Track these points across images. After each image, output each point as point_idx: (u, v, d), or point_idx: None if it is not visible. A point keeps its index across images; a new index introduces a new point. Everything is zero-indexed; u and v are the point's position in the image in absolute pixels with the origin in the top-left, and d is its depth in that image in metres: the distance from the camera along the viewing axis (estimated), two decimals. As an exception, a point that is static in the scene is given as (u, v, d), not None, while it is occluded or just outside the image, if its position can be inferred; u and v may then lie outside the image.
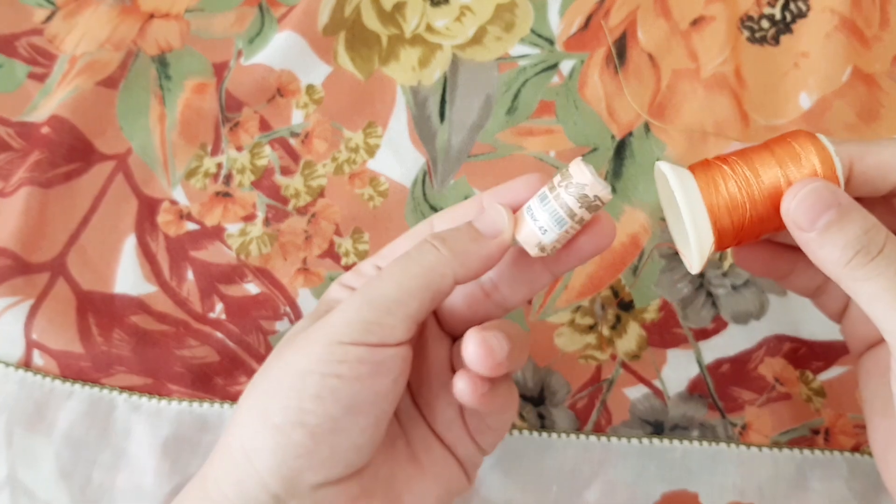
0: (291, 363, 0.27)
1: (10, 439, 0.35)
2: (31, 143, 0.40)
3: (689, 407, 0.36)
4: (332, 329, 0.27)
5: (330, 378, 0.26)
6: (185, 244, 0.39)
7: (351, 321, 0.27)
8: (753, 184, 0.27)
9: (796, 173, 0.26)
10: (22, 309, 0.37)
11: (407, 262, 0.27)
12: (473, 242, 0.27)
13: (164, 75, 0.42)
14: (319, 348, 0.26)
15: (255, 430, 0.27)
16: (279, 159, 0.40)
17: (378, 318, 0.27)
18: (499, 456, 0.35)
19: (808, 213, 0.25)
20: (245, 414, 0.27)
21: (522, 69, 0.41)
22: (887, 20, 0.41)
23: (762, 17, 0.42)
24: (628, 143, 0.39)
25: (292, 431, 0.26)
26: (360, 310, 0.27)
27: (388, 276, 0.27)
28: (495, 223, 0.28)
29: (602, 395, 0.36)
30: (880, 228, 0.25)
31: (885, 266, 0.24)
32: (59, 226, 0.39)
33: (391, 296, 0.27)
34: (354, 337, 0.26)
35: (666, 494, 0.34)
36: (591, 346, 0.37)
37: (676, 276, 0.37)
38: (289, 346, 0.28)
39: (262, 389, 0.28)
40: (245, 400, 0.28)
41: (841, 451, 0.35)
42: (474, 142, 0.40)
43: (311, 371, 0.26)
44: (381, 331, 0.27)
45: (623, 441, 0.35)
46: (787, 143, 0.27)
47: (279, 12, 0.43)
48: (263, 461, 0.26)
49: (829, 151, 0.27)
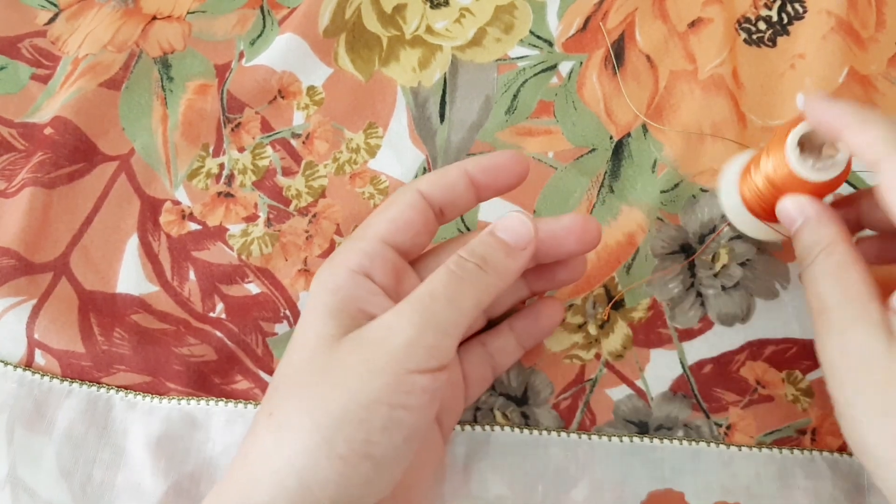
0: (356, 393, 0.26)
1: (11, 438, 0.35)
2: (35, 143, 0.40)
3: (672, 407, 0.36)
4: (396, 356, 0.26)
5: (397, 410, 0.26)
6: (187, 244, 0.39)
7: (415, 347, 0.26)
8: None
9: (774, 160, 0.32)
10: (24, 309, 0.37)
11: (459, 283, 0.27)
12: (509, 258, 0.28)
13: (167, 76, 0.42)
14: (387, 379, 0.26)
15: (318, 461, 0.26)
16: (280, 160, 0.40)
17: (438, 341, 0.27)
18: (486, 451, 0.35)
19: (786, 219, 0.30)
20: (297, 440, 0.26)
21: (522, 70, 0.41)
22: (883, 21, 0.41)
23: (759, 19, 0.42)
24: (626, 143, 0.40)
25: (359, 463, 0.26)
26: (423, 335, 0.27)
27: (443, 297, 0.27)
28: (522, 235, 0.29)
29: (585, 395, 0.36)
30: (819, 243, 0.29)
31: (809, 277, 0.29)
32: (62, 226, 0.39)
33: (449, 318, 0.27)
34: (420, 364, 0.26)
35: (652, 493, 0.34)
36: (578, 346, 0.37)
37: (668, 276, 0.37)
38: (336, 365, 0.27)
39: (317, 417, 0.26)
40: (289, 421, 0.27)
41: (827, 452, 0.35)
42: (474, 141, 0.40)
43: (380, 402, 0.26)
44: (440, 354, 0.27)
45: (606, 440, 0.35)
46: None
47: (280, 14, 0.44)
48: (327, 492, 0.26)
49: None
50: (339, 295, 0.29)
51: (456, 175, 0.31)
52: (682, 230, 0.38)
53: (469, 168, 0.31)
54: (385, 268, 0.29)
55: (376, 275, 0.29)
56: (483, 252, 0.28)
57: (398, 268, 0.30)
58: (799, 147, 0.31)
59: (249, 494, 0.26)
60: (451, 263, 0.28)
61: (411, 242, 0.30)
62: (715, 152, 0.39)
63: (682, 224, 0.38)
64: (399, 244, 0.30)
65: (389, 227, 0.30)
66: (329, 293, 0.29)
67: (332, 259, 0.30)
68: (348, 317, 0.28)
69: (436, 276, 0.28)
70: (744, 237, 0.37)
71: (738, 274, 0.37)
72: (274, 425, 0.27)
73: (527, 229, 0.29)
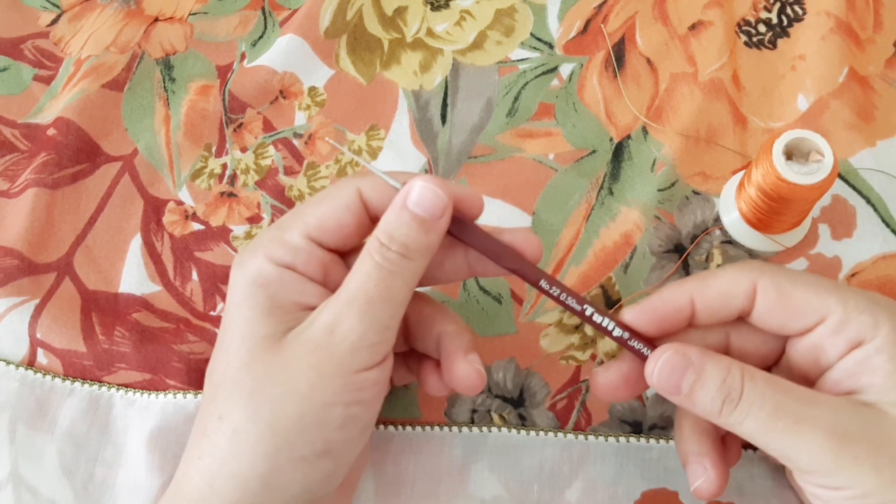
0: (310, 397, 0.27)
1: (13, 436, 0.35)
2: (38, 144, 0.40)
3: (666, 407, 0.36)
4: (344, 360, 0.27)
5: (352, 407, 0.27)
6: (190, 244, 0.39)
7: (359, 348, 0.27)
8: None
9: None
10: (27, 308, 0.37)
11: (390, 277, 0.28)
12: (430, 234, 0.28)
13: (169, 77, 0.42)
14: (339, 381, 0.27)
15: (279, 464, 0.27)
16: (283, 160, 0.41)
17: (381, 337, 0.28)
18: (483, 452, 0.35)
19: (670, 382, 0.28)
20: (255, 446, 0.27)
21: (523, 72, 0.41)
22: (881, 23, 0.42)
23: (759, 22, 0.42)
24: (626, 145, 0.40)
25: (318, 461, 0.27)
26: (366, 336, 0.27)
27: (379, 297, 0.27)
28: (436, 205, 0.28)
29: (581, 395, 0.36)
30: (735, 372, 0.27)
31: (750, 406, 0.27)
32: (65, 226, 0.39)
33: (387, 313, 0.28)
34: (367, 362, 0.27)
35: (646, 493, 0.34)
36: (574, 347, 0.37)
37: (666, 274, 0.37)
38: (283, 369, 0.27)
39: (273, 423, 0.27)
40: (243, 427, 0.27)
41: None
42: (475, 143, 0.40)
43: (335, 403, 0.27)
44: (384, 347, 0.28)
45: (601, 440, 0.35)
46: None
47: (281, 16, 0.44)
48: (291, 492, 0.27)
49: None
50: (270, 290, 0.28)
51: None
52: (676, 229, 0.38)
53: None
54: (311, 262, 0.29)
55: (303, 269, 0.29)
56: (403, 238, 0.28)
57: (325, 262, 0.30)
58: (785, 155, 0.32)
59: (209, 499, 0.27)
60: (375, 254, 0.28)
61: (341, 243, 0.30)
62: (714, 155, 0.39)
63: (676, 223, 0.38)
64: (327, 243, 0.30)
65: (319, 227, 0.29)
66: (258, 287, 0.28)
67: (256, 247, 0.29)
68: (282, 312, 0.28)
69: (364, 272, 0.28)
70: (736, 242, 0.37)
71: None
72: (227, 430, 0.27)
73: (439, 198, 0.28)
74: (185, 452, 0.29)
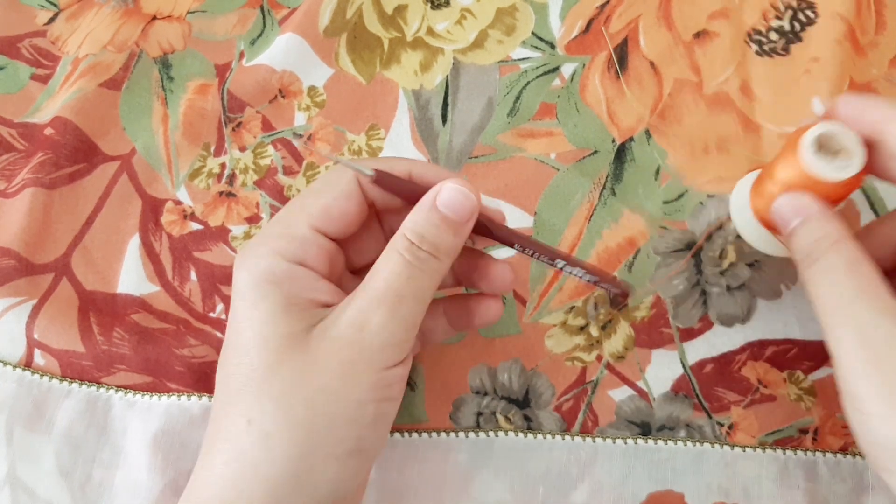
0: (343, 395, 0.27)
1: (10, 438, 0.35)
2: (35, 144, 0.40)
3: (674, 407, 0.36)
4: (374, 357, 0.27)
5: (383, 403, 0.28)
6: (189, 244, 0.39)
7: (389, 344, 0.28)
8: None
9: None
10: (24, 309, 0.37)
11: (420, 277, 0.28)
12: (457, 237, 0.29)
13: (167, 76, 0.42)
14: (370, 379, 0.27)
15: (313, 465, 0.27)
16: (282, 159, 0.40)
17: (409, 335, 0.28)
18: (489, 457, 0.35)
19: (781, 219, 0.30)
20: (288, 448, 0.27)
21: (524, 72, 0.41)
22: (884, 23, 0.41)
23: (770, 30, 0.41)
24: (629, 147, 0.40)
25: (348, 459, 0.27)
26: (395, 333, 0.28)
27: (410, 295, 0.28)
28: (466, 208, 0.29)
29: (587, 397, 0.36)
30: (827, 239, 0.28)
31: (818, 273, 0.28)
32: (62, 226, 0.39)
33: (415, 312, 0.28)
34: (395, 359, 0.28)
35: (652, 495, 0.34)
36: (580, 348, 0.37)
37: (674, 274, 0.37)
38: (313, 368, 0.27)
39: (306, 423, 0.27)
40: (276, 429, 0.27)
41: (828, 452, 0.35)
42: (476, 143, 0.40)
43: (367, 400, 0.27)
44: (410, 344, 0.29)
45: (609, 442, 0.35)
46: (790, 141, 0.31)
47: (280, 14, 0.43)
48: (321, 492, 0.27)
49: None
50: (284, 288, 0.28)
51: (400, 174, 0.30)
52: (688, 232, 0.38)
53: (414, 172, 0.31)
54: (319, 255, 0.29)
55: (312, 263, 0.29)
56: (434, 239, 0.28)
57: (330, 253, 0.30)
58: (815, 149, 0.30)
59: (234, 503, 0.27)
60: (405, 252, 0.28)
61: (344, 232, 0.30)
62: (719, 162, 0.39)
63: (690, 228, 0.38)
64: (331, 233, 0.30)
65: (322, 217, 0.29)
66: (271, 285, 0.28)
67: (261, 244, 0.29)
68: (299, 309, 0.28)
69: (392, 270, 0.28)
70: None
71: (745, 275, 0.37)
72: (258, 434, 0.27)
73: (470, 202, 0.29)
74: (200, 459, 0.28)
